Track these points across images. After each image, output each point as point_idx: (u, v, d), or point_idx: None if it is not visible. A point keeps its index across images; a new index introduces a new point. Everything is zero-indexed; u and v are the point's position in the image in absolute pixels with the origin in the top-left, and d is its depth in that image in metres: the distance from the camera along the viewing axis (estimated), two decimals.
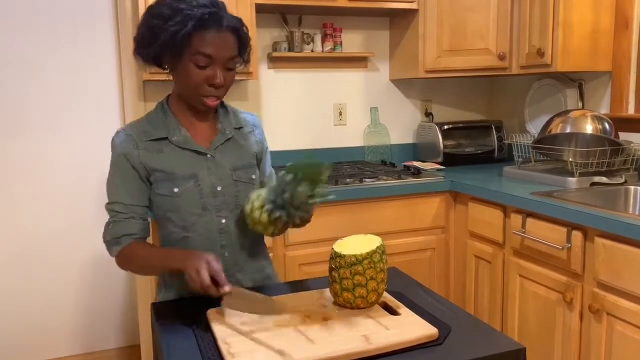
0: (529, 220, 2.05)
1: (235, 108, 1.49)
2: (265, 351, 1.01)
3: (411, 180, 2.47)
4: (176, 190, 1.33)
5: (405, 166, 2.79)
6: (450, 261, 2.57)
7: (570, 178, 2.21)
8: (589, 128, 2.27)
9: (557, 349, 1.97)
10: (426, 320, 1.14)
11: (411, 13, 2.77)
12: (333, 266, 1.19)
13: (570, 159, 2.23)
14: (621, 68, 2.42)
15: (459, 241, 2.51)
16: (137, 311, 2.77)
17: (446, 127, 2.96)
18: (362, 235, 1.27)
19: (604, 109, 2.52)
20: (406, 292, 1.34)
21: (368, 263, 1.16)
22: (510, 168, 2.55)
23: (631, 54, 2.39)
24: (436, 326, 1.11)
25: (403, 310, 1.19)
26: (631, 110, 2.43)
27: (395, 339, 1.05)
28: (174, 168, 1.34)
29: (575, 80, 2.64)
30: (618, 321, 1.72)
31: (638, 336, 1.65)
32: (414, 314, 1.16)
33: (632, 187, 2.18)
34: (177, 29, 1.23)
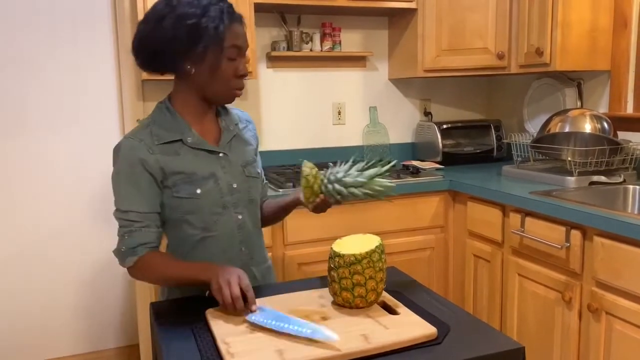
0: (528, 219, 2.05)
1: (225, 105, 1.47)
2: (264, 351, 1.01)
3: (410, 179, 2.47)
4: (199, 191, 1.32)
5: (404, 165, 2.79)
6: (449, 260, 2.57)
7: (569, 177, 2.21)
8: (588, 127, 2.28)
9: (556, 348, 1.97)
10: (425, 319, 1.14)
11: (410, 12, 2.77)
12: (332, 266, 1.19)
13: (569, 158, 2.23)
14: (620, 67, 2.42)
15: (458, 240, 2.51)
16: (136, 311, 2.77)
17: (445, 127, 2.96)
18: (361, 234, 1.27)
19: (603, 108, 2.52)
20: (405, 292, 1.34)
21: (367, 262, 1.16)
22: (509, 167, 2.56)
23: (630, 53, 2.40)
24: (435, 325, 1.11)
25: (402, 309, 1.19)
26: (630, 109, 2.43)
27: (394, 339, 1.05)
28: (194, 169, 1.33)
29: (574, 79, 2.64)
30: (617, 320, 1.72)
31: (637, 335, 1.66)
32: (413, 314, 1.16)
33: (631, 187, 2.18)
34: (216, 24, 1.24)
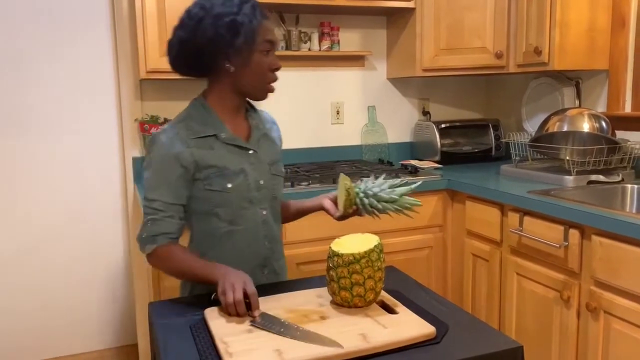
0: (526, 218, 2.06)
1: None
2: (262, 350, 1.01)
3: (408, 179, 2.47)
4: (229, 185, 1.38)
5: (402, 165, 2.79)
6: (447, 260, 2.57)
7: (567, 176, 2.21)
8: (586, 126, 2.28)
9: (555, 347, 1.98)
10: (424, 318, 1.14)
11: (408, 12, 2.77)
12: (331, 265, 1.19)
13: (567, 158, 2.24)
14: (618, 66, 2.42)
15: (457, 240, 2.51)
16: (135, 310, 2.77)
17: (443, 126, 2.96)
18: (360, 234, 1.27)
19: (601, 108, 2.52)
20: (404, 291, 1.34)
21: (366, 262, 1.16)
22: (507, 167, 2.56)
23: (628, 53, 2.40)
24: (434, 325, 1.11)
25: (401, 308, 1.19)
26: (628, 108, 2.44)
27: (392, 338, 1.05)
28: (226, 164, 1.38)
29: (572, 78, 2.64)
30: (615, 319, 1.72)
31: (635, 334, 1.66)
32: (412, 313, 1.16)
33: (629, 186, 2.19)
34: (251, 20, 1.31)
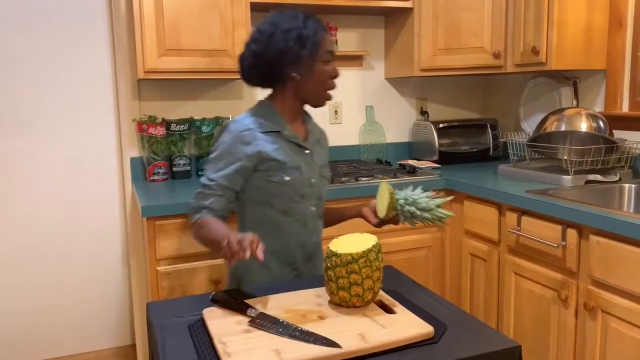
0: (524, 218, 2.06)
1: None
2: (261, 350, 1.01)
3: (407, 178, 2.47)
4: (287, 178, 1.53)
5: (400, 165, 2.79)
6: (445, 259, 2.57)
7: (565, 176, 2.21)
8: (584, 126, 2.28)
9: (553, 347, 1.98)
10: (422, 318, 1.14)
11: (406, 11, 2.77)
12: (329, 265, 1.19)
13: (565, 157, 2.24)
14: (615, 66, 2.43)
15: (455, 239, 2.52)
16: (133, 311, 2.77)
17: (441, 126, 2.96)
18: (358, 234, 1.27)
19: (599, 107, 2.53)
20: (402, 291, 1.34)
21: (364, 262, 1.16)
22: (505, 166, 2.56)
23: (625, 53, 2.40)
24: (432, 324, 1.11)
25: (399, 308, 1.19)
26: (625, 108, 2.44)
27: (391, 338, 1.05)
28: (286, 159, 1.53)
29: (569, 78, 2.65)
30: (613, 318, 1.72)
31: (633, 333, 1.66)
32: (410, 313, 1.17)
33: (627, 185, 2.19)
34: (315, 33, 1.50)
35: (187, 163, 2.64)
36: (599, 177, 2.21)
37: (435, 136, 2.92)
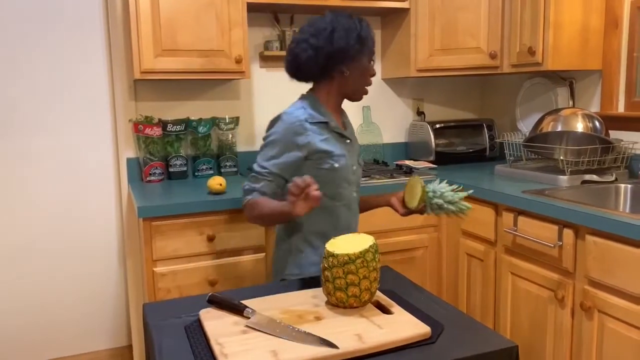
0: (521, 218, 2.06)
1: None
2: (258, 351, 1.01)
3: (404, 179, 2.47)
4: (337, 165, 1.65)
5: (397, 165, 2.79)
6: (442, 259, 2.58)
7: (561, 176, 2.22)
8: (580, 126, 2.29)
9: (549, 347, 1.98)
10: (419, 318, 1.14)
11: (403, 12, 2.77)
12: (326, 265, 1.19)
13: (561, 158, 2.25)
14: (611, 67, 2.43)
15: (451, 239, 2.52)
16: (129, 312, 2.77)
17: (438, 126, 2.97)
18: (355, 234, 1.27)
19: (595, 108, 2.54)
20: (399, 291, 1.34)
21: (361, 262, 1.16)
22: (501, 167, 2.56)
23: (621, 53, 2.41)
24: (429, 325, 1.11)
25: (396, 309, 1.19)
26: (621, 108, 2.45)
27: (388, 338, 1.05)
28: (333, 148, 1.66)
29: (566, 78, 2.65)
30: (609, 318, 1.73)
31: (629, 333, 1.66)
32: (407, 313, 1.17)
33: (623, 185, 2.20)
34: (369, 34, 1.66)
35: (184, 163, 2.63)
36: (595, 177, 2.22)
37: (431, 136, 2.92)
